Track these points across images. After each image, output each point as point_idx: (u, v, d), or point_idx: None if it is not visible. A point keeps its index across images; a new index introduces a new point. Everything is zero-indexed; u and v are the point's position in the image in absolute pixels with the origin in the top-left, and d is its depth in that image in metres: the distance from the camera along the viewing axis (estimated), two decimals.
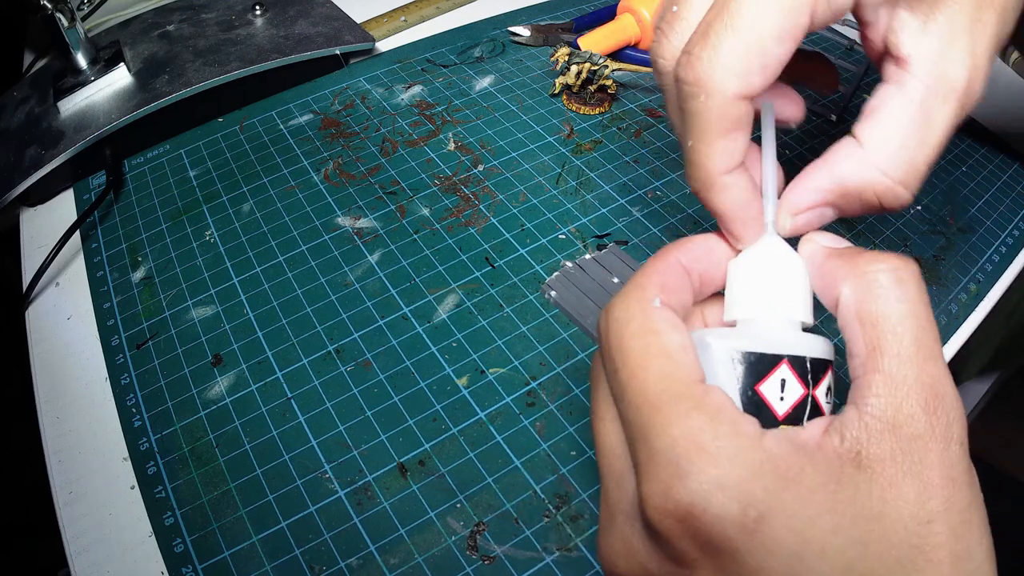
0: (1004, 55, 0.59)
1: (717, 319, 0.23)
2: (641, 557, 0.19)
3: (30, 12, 0.64)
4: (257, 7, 0.56)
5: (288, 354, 0.38)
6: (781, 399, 0.19)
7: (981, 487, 0.18)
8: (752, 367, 0.19)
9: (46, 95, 0.49)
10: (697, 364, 0.19)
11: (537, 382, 0.37)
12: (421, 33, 0.61)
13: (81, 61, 0.49)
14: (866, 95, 0.55)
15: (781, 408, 0.19)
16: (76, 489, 0.33)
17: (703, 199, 0.22)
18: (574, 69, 0.50)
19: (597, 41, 0.55)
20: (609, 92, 0.53)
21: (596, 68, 0.51)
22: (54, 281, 0.43)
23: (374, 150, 0.50)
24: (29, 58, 0.62)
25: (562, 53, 0.51)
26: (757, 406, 0.19)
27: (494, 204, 0.46)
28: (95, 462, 0.34)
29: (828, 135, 0.51)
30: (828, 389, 0.20)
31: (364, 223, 0.45)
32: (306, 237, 0.44)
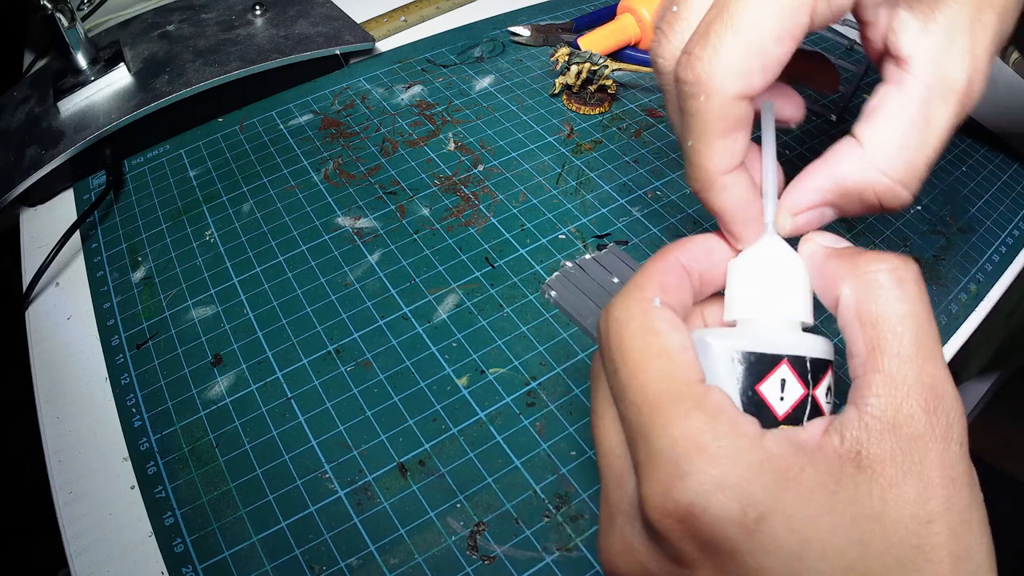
0: (1004, 55, 0.59)
1: (717, 319, 0.23)
2: (641, 557, 0.19)
3: (30, 12, 0.64)
4: (257, 7, 0.56)
5: (288, 354, 0.38)
6: (781, 399, 0.19)
7: (981, 487, 0.18)
8: (752, 367, 0.19)
9: (46, 95, 0.49)
10: (697, 364, 0.19)
11: (537, 382, 0.37)
12: (421, 33, 0.61)
13: (81, 61, 0.49)
14: (866, 95, 0.55)
15: (781, 408, 0.19)
16: (76, 489, 0.33)
17: (703, 199, 0.22)
18: (574, 69, 0.51)
19: (597, 41, 0.55)
20: (609, 92, 0.53)
21: (596, 68, 0.51)
22: (54, 281, 0.43)
23: (374, 150, 0.50)
24: (29, 58, 0.62)
25: (562, 53, 0.51)
26: (757, 406, 0.19)
27: (494, 204, 0.46)
28: (95, 462, 0.34)
29: (828, 135, 0.51)
30: (828, 389, 0.20)
31: (364, 223, 0.45)
32: (306, 237, 0.44)
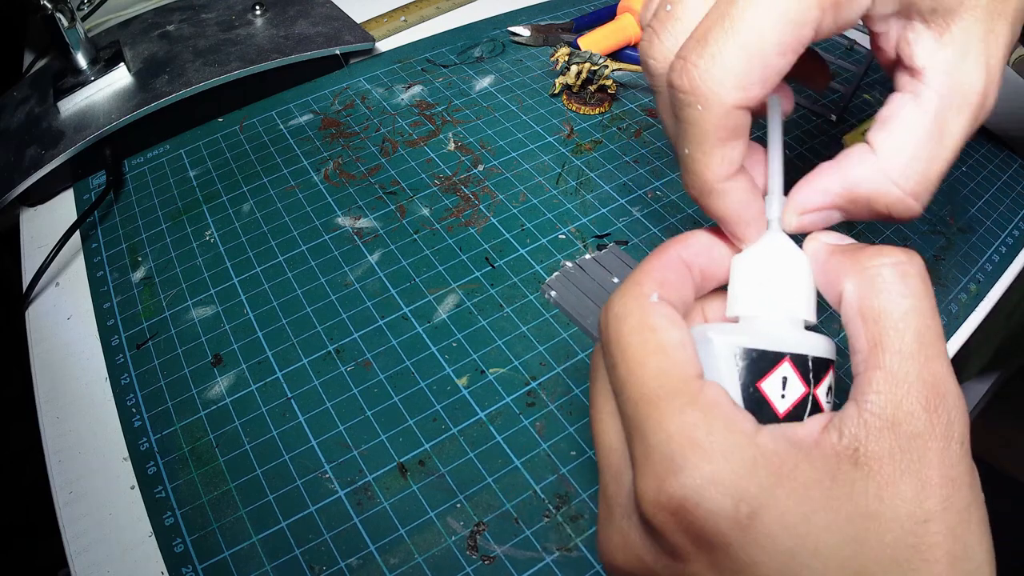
0: None
1: (718, 315, 0.23)
2: (638, 550, 0.19)
3: (30, 12, 0.64)
4: (257, 7, 0.56)
5: (288, 354, 0.38)
6: (782, 397, 0.19)
7: (981, 487, 0.18)
8: (754, 364, 0.19)
9: (46, 95, 0.49)
10: (694, 360, 0.19)
11: (537, 382, 0.37)
12: (421, 33, 0.61)
13: (81, 61, 0.49)
14: (866, 95, 0.55)
15: (782, 406, 0.19)
16: (76, 489, 0.33)
17: (702, 204, 0.22)
18: (574, 69, 0.51)
19: (597, 41, 0.55)
20: (609, 92, 0.53)
21: (596, 68, 0.51)
22: (54, 281, 0.43)
23: (374, 150, 0.50)
24: (29, 58, 0.62)
25: (562, 53, 0.51)
26: (758, 403, 0.19)
27: (494, 204, 0.46)
28: (95, 462, 0.34)
29: (828, 135, 0.51)
30: (829, 389, 0.20)
31: (364, 223, 0.45)
32: (306, 237, 0.44)
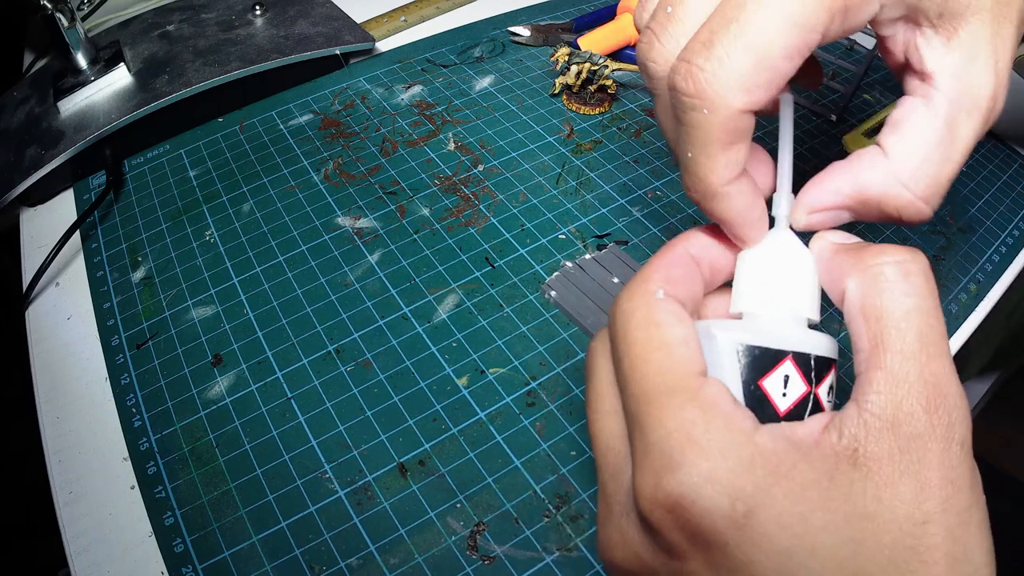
0: None
1: (723, 310, 0.23)
2: (636, 547, 0.19)
3: (30, 12, 0.64)
4: (257, 7, 0.56)
5: (288, 354, 0.38)
6: (784, 395, 0.19)
7: (982, 488, 0.18)
8: (756, 361, 0.19)
9: (46, 95, 0.49)
10: (698, 356, 0.19)
11: (537, 382, 0.37)
12: (421, 33, 0.61)
13: (81, 61, 0.49)
14: (866, 95, 0.55)
15: (783, 404, 0.19)
16: (76, 489, 0.33)
17: (704, 208, 0.21)
18: (574, 69, 0.51)
19: (597, 41, 0.55)
20: (609, 92, 0.53)
21: (596, 68, 0.51)
22: (54, 281, 0.43)
23: (374, 150, 0.50)
24: (29, 58, 0.62)
25: (562, 53, 0.51)
26: (759, 401, 0.19)
27: (494, 204, 0.46)
28: (95, 462, 0.34)
29: (828, 135, 0.51)
30: (830, 388, 0.20)
31: (364, 223, 0.45)
32: (306, 237, 0.44)
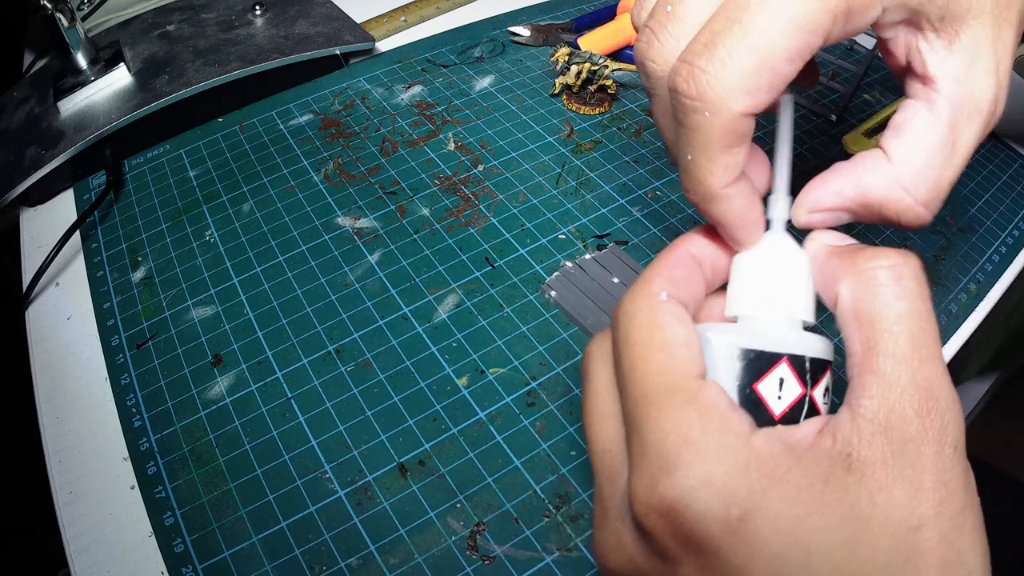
0: None
1: (718, 313, 0.23)
2: (631, 551, 0.19)
3: (30, 12, 0.64)
4: (257, 7, 0.56)
5: (288, 354, 0.38)
6: (779, 398, 0.19)
7: (981, 487, 0.17)
8: (751, 364, 0.19)
9: (46, 95, 0.49)
10: (698, 358, 0.19)
11: (537, 382, 0.37)
12: (421, 33, 0.61)
13: (81, 61, 0.49)
14: (866, 95, 0.55)
15: (778, 407, 0.19)
16: (76, 489, 0.33)
17: (702, 210, 0.21)
18: (574, 69, 0.51)
19: (597, 41, 0.55)
20: (609, 92, 0.53)
21: (596, 68, 0.51)
22: (54, 281, 0.43)
23: (374, 150, 0.50)
24: (29, 58, 0.62)
25: (562, 53, 0.51)
26: (754, 404, 0.19)
27: (494, 204, 0.46)
28: (95, 462, 0.34)
29: (828, 135, 0.51)
30: (826, 390, 0.20)
31: (364, 223, 0.45)
32: (306, 237, 0.44)
